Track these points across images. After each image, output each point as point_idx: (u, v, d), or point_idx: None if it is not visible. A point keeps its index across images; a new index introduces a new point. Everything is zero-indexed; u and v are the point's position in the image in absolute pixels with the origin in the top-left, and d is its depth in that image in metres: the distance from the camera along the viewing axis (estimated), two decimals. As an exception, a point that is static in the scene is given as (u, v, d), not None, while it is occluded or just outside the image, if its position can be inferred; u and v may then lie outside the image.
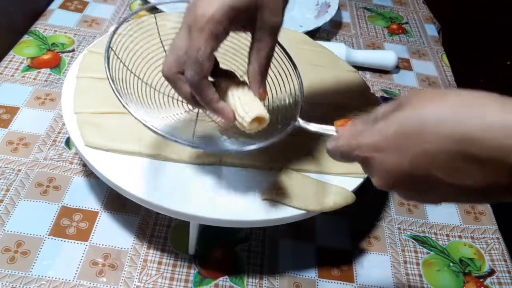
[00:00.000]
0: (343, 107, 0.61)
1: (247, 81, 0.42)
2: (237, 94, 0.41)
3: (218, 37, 0.36)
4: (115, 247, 0.53)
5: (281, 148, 0.46)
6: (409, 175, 0.30)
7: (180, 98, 0.45)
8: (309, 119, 0.42)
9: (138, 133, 0.51)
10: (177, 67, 0.38)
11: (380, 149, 0.31)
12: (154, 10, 0.87)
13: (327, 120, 0.40)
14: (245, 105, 0.40)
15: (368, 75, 0.86)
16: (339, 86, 0.65)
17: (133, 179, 0.48)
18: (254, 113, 0.39)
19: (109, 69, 0.40)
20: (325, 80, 0.65)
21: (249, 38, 0.41)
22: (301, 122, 0.42)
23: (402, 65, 0.90)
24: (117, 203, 0.57)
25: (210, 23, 0.35)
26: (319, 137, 0.57)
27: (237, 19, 0.37)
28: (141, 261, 0.52)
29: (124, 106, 0.39)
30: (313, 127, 0.41)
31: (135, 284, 0.50)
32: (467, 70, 1.08)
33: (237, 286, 0.52)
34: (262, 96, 0.41)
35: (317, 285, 0.54)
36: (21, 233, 0.52)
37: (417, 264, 0.58)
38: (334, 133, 0.38)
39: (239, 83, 0.42)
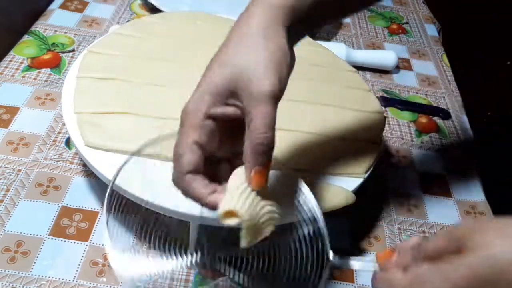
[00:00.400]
0: (343, 108, 0.62)
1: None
2: (230, 181, 0.34)
3: (197, 127, 0.33)
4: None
5: (281, 148, 0.46)
6: None
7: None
8: (307, 119, 0.42)
9: (138, 133, 0.51)
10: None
11: None
12: (154, 10, 0.87)
13: (327, 120, 0.39)
14: (227, 195, 0.33)
15: (368, 75, 0.86)
16: (339, 86, 0.65)
17: (133, 179, 0.48)
18: (222, 208, 0.33)
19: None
20: (325, 80, 0.65)
21: None
22: (336, 258, 0.34)
23: (402, 65, 0.90)
24: (117, 203, 0.57)
25: (186, 114, 0.33)
26: (318, 138, 0.57)
27: (224, 102, 0.33)
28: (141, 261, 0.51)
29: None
30: (355, 264, 0.35)
31: (135, 284, 0.50)
32: (467, 70, 1.08)
33: (237, 286, 0.52)
34: (255, 182, 0.32)
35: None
36: (21, 233, 0.52)
37: (417, 264, 0.58)
38: (376, 268, 0.34)
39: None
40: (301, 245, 0.37)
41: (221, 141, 0.34)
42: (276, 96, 0.32)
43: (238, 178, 0.34)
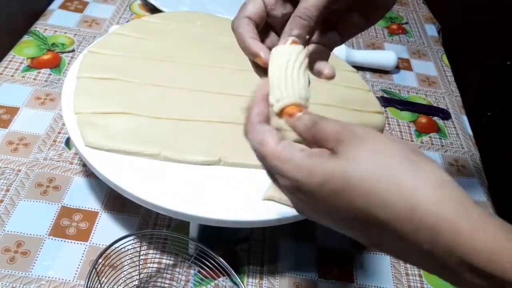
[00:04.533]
0: (343, 108, 0.61)
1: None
2: (289, 63, 0.32)
3: None
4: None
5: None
6: (328, 222, 0.29)
7: None
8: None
9: (138, 133, 0.51)
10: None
11: (300, 190, 0.28)
12: (154, 10, 0.87)
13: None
14: (288, 84, 0.31)
15: (368, 75, 0.86)
16: (339, 86, 0.65)
17: (133, 179, 0.48)
18: (288, 100, 0.31)
19: None
20: (325, 80, 0.65)
21: None
22: None
23: (402, 65, 0.90)
24: (117, 203, 0.57)
25: None
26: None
27: None
28: (141, 261, 0.51)
29: None
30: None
31: (135, 285, 0.50)
32: (467, 70, 1.08)
33: (237, 286, 0.52)
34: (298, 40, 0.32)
35: (317, 285, 0.54)
36: (21, 233, 0.52)
37: (417, 264, 0.58)
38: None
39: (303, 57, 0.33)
40: None
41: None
42: None
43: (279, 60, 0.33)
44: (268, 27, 0.36)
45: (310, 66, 0.36)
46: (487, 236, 0.23)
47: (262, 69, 0.34)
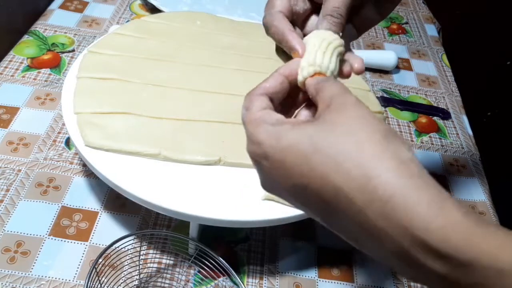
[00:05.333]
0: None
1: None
2: (321, 35, 0.33)
3: None
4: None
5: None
6: (288, 196, 0.29)
7: None
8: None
9: (138, 133, 0.51)
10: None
11: (266, 156, 0.28)
12: (154, 10, 0.87)
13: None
14: (325, 57, 0.32)
15: (368, 75, 0.86)
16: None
17: (133, 179, 0.48)
18: (319, 68, 0.31)
19: None
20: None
21: None
22: None
23: (402, 65, 0.90)
24: (117, 203, 0.57)
25: None
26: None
27: None
28: (141, 261, 0.51)
29: None
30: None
31: (135, 284, 0.50)
32: (467, 70, 1.08)
33: (237, 286, 0.52)
34: (337, 28, 0.33)
35: (317, 285, 0.54)
36: (21, 233, 0.52)
37: (417, 264, 0.58)
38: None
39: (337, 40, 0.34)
40: None
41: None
42: None
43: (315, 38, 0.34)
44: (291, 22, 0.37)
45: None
46: (443, 214, 0.23)
47: (287, 56, 0.35)
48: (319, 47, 0.32)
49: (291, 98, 0.33)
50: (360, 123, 0.26)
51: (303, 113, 0.32)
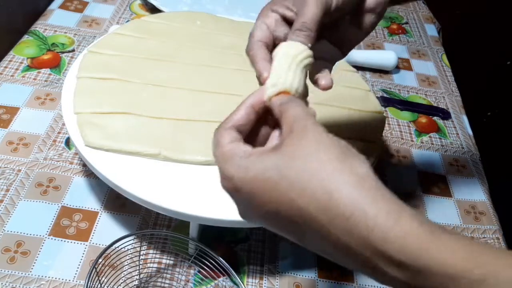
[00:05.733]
0: (343, 108, 0.62)
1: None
2: (289, 55, 0.33)
3: (265, 15, 0.37)
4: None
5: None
6: (264, 223, 0.30)
7: None
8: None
9: (138, 133, 0.51)
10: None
11: (237, 189, 0.29)
12: (154, 10, 0.87)
13: (328, 120, 0.39)
14: (289, 75, 0.32)
15: (368, 75, 0.86)
16: (339, 86, 0.65)
17: (133, 179, 0.48)
18: (281, 86, 0.32)
19: None
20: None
21: None
22: None
23: (402, 65, 0.90)
24: (117, 203, 0.57)
25: (261, 10, 0.38)
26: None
27: (286, 6, 0.37)
28: (141, 261, 0.51)
29: None
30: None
31: (135, 284, 0.50)
32: (467, 70, 1.08)
33: (237, 286, 0.52)
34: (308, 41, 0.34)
35: (317, 285, 0.54)
36: (21, 233, 0.52)
37: (417, 264, 0.58)
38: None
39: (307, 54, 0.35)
40: None
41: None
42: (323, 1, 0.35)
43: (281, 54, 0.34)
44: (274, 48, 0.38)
45: (311, 75, 0.38)
46: (399, 224, 0.24)
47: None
48: (281, 65, 0.33)
49: (263, 121, 0.34)
50: (319, 146, 0.27)
51: (274, 135, 0.33)
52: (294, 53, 0.33)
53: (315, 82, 0.38)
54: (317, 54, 0.38)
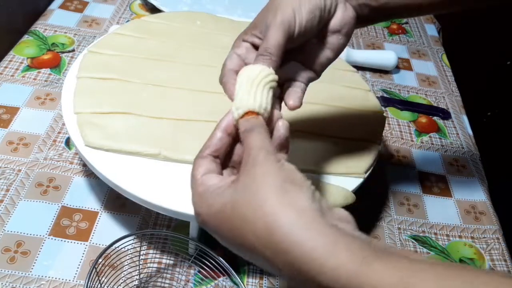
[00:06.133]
0: (343, 108, 0.62)
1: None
2: (255, 81, 0.34)
3: (237, 46, 0.39)
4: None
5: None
6: (235, 251, 0.31)
7: None
8: (307, 119, 0.42)
9: (138, 133, 0.51)
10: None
11: (204, 223, 0.31)
12: (154, 10, 0.87)
13: (327, 120, 0.39)
14: (251, 95, 0.33)
15: (368, 75, 0.86)
16: (339, 86, 0.65)
17: (133, 179, 0.48)
18: (244, 107, 0.33)
19: None
20: (325, 80, 0.65)
21: None
22: None
23: (402, 65, 0.90)
24: (117, 203, 0.57)
25: (235, 40, 0.40)
26: (318, 138, 0.57)
27: (254, 34, 0.39)
28: (141, 261, 0.51)
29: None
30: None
31: (135, 284, 0.50)
32: (467, 70, 1.08)
33: (237, 286, 0.52)
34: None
35: (317, 285, 0.54)
36: (21, 233, 0.52)
37: (417, 264, 0.58)
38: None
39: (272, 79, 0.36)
40: None
41: None
42: (286, 24, 0.36)
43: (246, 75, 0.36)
44: None
45: (283, 95, 0.39)
46: (333, 256, 0.25)
47: None
48: (243, 87, 0.34)
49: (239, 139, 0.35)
50: (263, 180, 0.28)
51: None
52: (254, 74, 0.34)
53: (285, 102, 0.39)
54: (289, 75, 0.40)
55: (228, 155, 0.35)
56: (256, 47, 0.39)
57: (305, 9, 0.37)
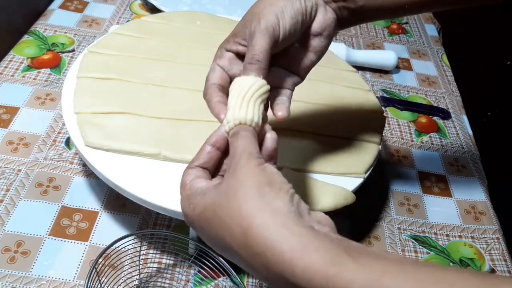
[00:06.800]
0: (343, 107, 0.62)
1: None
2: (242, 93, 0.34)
3: (219, 56, 0.39)
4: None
5: (281, 148, 0.46)
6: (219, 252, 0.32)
7: None
8: (307, 119, 0.42)
9: (138, 133, 0.51)
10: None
11: (191, 224, 0.32)
12: (154, 10, 0.87)
13: (327, 120, 0.39)
14: (242, 108, 0.34)
15: (368, 75, 0.86)
16: (339, 86, 0.65)
17: (133, 179, 0.48)
18: (238, 120, 0.33)
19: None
20: (325, 80, 0.65)
21: None
22: None
23: (402, 65, 0.90)
24: (117, 203, 0.57)
25: (217, 49, 0.40)
26: (318, 138, 0.57)
27: (237, 42, 0.39)
28: (141, 261, 0.51)
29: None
30: None
31: (135, 284, 0.50)
32: (467, 70, 1.08)
33: (237, 286, 0.52)
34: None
35: (317, 285, 0.54)
36: (21, 233, 0.52)
37: (417, 264, 0.58)
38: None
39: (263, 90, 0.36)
40: None
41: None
42: (271, 29, 0.37)
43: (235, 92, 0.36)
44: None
45: (270, 104, 0.40)
46: (305, 258, 0.25)
47: None
48: (235, 101, 0.34)
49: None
50: (243, 183, 0.28)
51: None
52: (246, 87, 0.34)
53: (273, 113, 0.39)
54: (274, 82, 0.40)
55: (217, 168, 0.35)
56: (240, 56, 0.38)
57: (288, 15, 0.38)
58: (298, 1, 0.39)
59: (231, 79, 0.38)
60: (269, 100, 0.39)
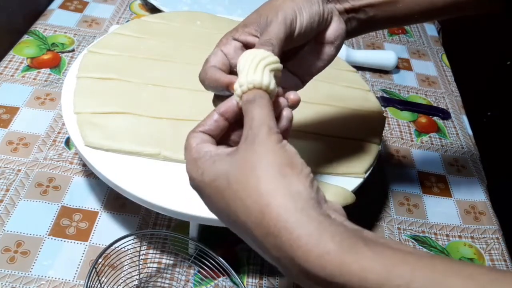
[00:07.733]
0: (343, 108, 0.62)
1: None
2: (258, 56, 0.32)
3: (224, 43, 0.38)
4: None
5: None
6: (223, 222, 0.31)
7: None
8: (307, 119, 0.42)
9: (138, 133, 0.51)
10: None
11: (197, 188, 0.31)
12: (154, 10, 0.87)
13: (327, 120, 0.39)
14: (256, 74, 0.31)
15: (368, 75, 0.86)
16: (339, 86, 0.65)
17: (133, 179, 0.48)
18: (251, 84, 0.31)
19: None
20: (325, 80, 0.65)
21: None
22: None
23: (402, 65, 0.90)
24: (117, 203, 0.57)
25: (222, 37, 0.39)
26: (318, 138, 0.57)
27: (248, 32, 0.38)
28: (141, 261, 0.51)
29: None
30: None
31: (135, 284, 0.50)
32: (467, 70, 1.08)
33: (237, 286, 0.52)
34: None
35: (317, 285, 0.54)
36: (21, 233, 0.52)
37: (417, 264, 0.58)
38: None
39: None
40: None
41: None
42: (288, 22, 0.36)
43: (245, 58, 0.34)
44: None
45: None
46: (320, 244, 0.25)
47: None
48: (248, 66, 0.32)
49: (239, 124, 0.34)
50: (263, 159, 0.28)
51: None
52: (260, 56, 0.32)
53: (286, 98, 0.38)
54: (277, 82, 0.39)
55: (224, 138, 0.34)
56: (247, 47, 0.37)
57: (306, 12, 0.38)
58: (317, 3, 0.39)
59: (232, 68, 0.37)
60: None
